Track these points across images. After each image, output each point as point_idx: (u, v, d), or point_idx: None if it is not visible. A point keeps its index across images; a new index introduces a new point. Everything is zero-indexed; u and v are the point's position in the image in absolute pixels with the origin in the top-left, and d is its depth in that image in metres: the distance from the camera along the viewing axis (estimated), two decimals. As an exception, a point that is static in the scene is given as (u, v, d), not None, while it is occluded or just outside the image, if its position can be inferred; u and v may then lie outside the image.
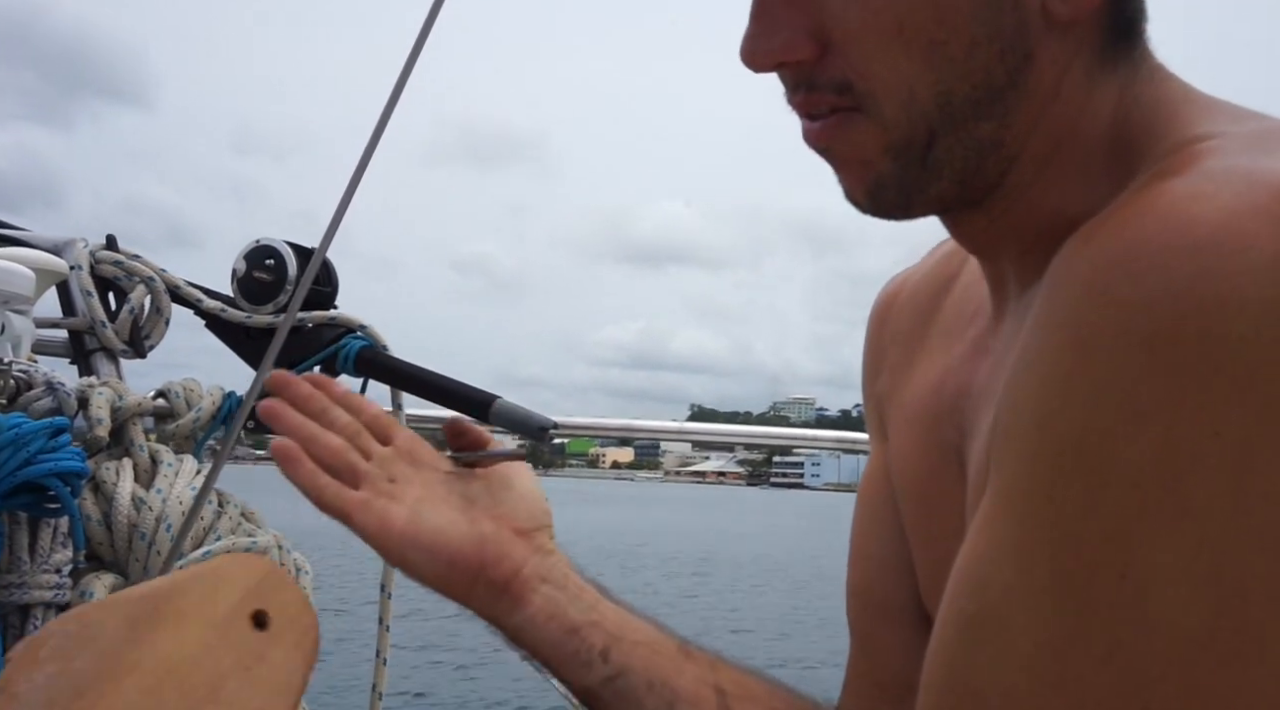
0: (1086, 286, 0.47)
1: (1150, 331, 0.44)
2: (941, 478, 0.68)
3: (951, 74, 0.56)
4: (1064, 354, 0.46)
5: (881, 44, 0.56)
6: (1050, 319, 0.48)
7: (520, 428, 1.46)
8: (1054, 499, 0.46)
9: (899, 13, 0.55)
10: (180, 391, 1.39)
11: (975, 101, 0.56)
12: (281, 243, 1.52)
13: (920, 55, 0.55)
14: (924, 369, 0.74)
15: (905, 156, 0.58)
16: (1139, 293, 0.44)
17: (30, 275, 1.26)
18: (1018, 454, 0.48)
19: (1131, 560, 0.44)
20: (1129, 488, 0.44)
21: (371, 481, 0.69)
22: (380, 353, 1.52)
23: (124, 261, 1.49)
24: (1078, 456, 0.45)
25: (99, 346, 1.46)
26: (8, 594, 1.12)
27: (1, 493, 1.10)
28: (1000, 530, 0.48)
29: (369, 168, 1.01)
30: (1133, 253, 0.46)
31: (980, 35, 0.55)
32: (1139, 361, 0.44)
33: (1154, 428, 0.43)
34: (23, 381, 1.22)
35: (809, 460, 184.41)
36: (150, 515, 1.23)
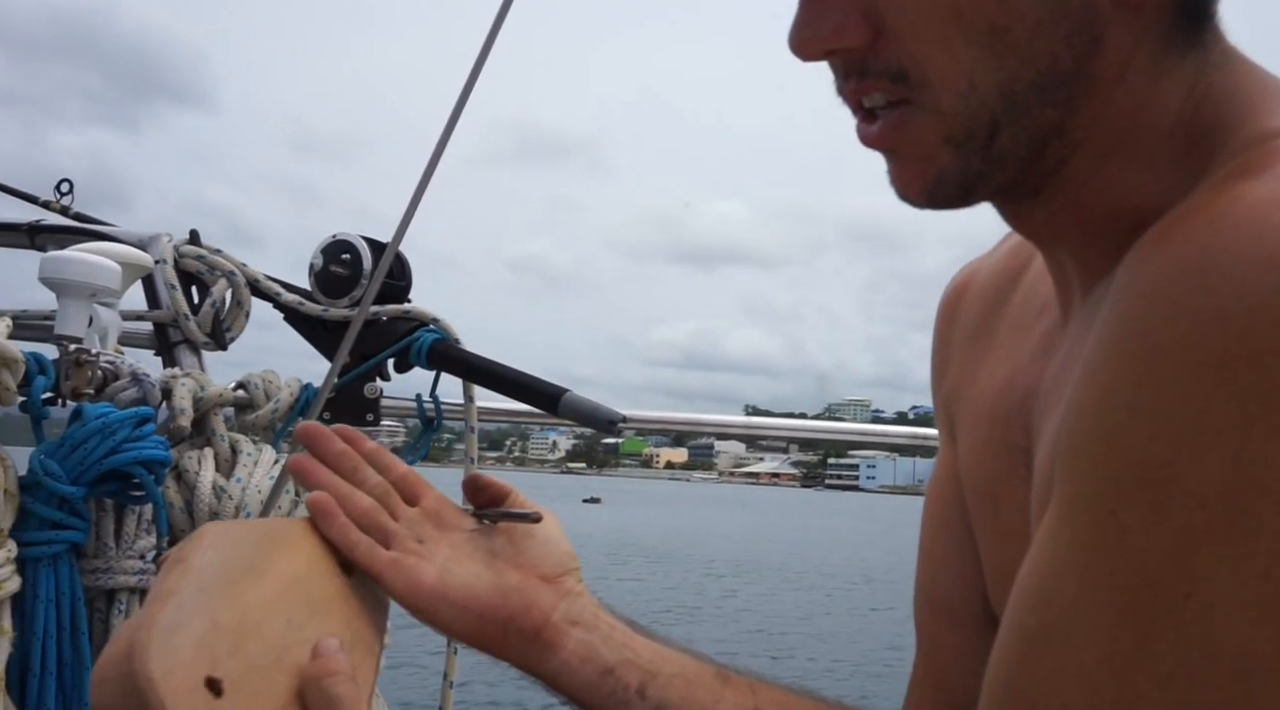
0: (1156, 295, 0.45)
1: (1222, 348, 0.42)
2: (1009, 479, 0.67)
3: (1014, 60, 0.53)
4: (1131, 365, 0.45)
5: (939, 30, 0.53)
6: (1118, 326, 0.46)
7: (589, 420, 1.46)
8: (1117, 515, 0.44)
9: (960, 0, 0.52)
10: (259, 383, 1.43)
11: (1040, 88, 0.54)
12: (357, 237, 1.55)
13: (981, 41, 0.53)
14: (992, 365, 0.72)
15: (967, 147, 0.55)
16: (1212, 305, 0.43)
17: (117, 269, 1.30)
18: (1081, 467, 0.47)
19: (1196, 581, 0.42)
20: (1195, 508, 0.42)
21: (401, 541, 0.70)
22: (452, 346, 1.53)
23: (206, 256, 1.53)
24: (1142, 473, 0.44)
25: (182, 339, 1.50)
26: (94, 578, 1.16)
27: (89, 480, 1.14)
28: (1063, 544, 0.47)
29: (430, 166, 1.02)
30: (1206, 261, 0.44)
31: (1045, 18, 0.52)
32: (1209, 379, 0.42)
33: (1223, 448, 0.42)
34: (110, 372, 1.26)
35: (864, 463, 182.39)
36: (230, 503, 1.26)
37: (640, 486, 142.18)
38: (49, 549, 1.11)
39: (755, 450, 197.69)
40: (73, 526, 1.13)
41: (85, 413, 1.16)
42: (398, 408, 1.59)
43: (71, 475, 1.13)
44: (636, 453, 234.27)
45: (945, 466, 0.80)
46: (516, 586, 0.69)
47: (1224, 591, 0.42)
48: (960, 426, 0.76)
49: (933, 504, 0.81)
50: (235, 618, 0.55)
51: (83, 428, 1.15)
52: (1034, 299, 0.70)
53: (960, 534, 0.76)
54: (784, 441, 4.13)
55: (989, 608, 0.73)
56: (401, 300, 1.57)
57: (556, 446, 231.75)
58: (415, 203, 1.24)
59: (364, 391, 1.54)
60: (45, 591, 1.10)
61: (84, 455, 1.14)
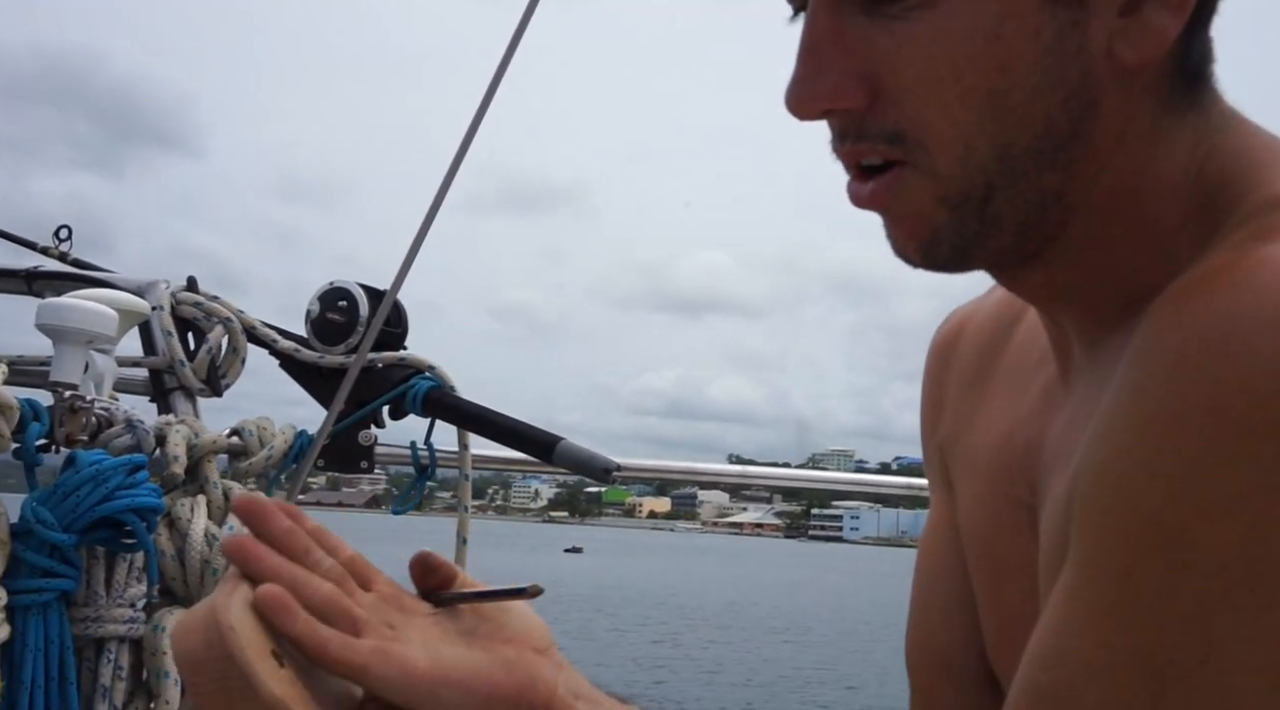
0: (1180, 360, 0.45)
1: (1245, 414, 0.42)
2: (1011, 534, 0.66)
3: (1012, 124, 0.52)
4: (1152, 428, 0.45)
5: (938, 93, 0.52)
6: (1139, 389, 0.46)
7: (584, 468, 1.46)
8: (1134, 577, 0.44)
9: (956, 60, 0.51)
10: (254, 430, 1.42)
11: (1037, 152, 0.53)
12: (354, 285, 1.55)
13: (979, 105, 0.52)
14: (990, 415, 0.72)
15: (961, 209, 0.54)
16: (1235, 372, 0.43)
17: (114, 316, 1.31)
18: (1099, 527, 0.46)
19: (1213, 646, 0.42)
20: (1213, 573, 0.42)
21: (372, 628, 0.60)
22: (448, 393, 1.53)
23: (203, 303, 1.54)
24: (1160, 536, 0.44)
25: (177, 385, 1.50)
26: (84, 627, 1.15)
27: (80, 527, 1.13)
28: (1079, 604, 0.47)
29: (430, 214, 1.03)
30: (1230, 327, 0.44)
31: (1043, 83, 0.52)
32: (1231, 444, 0.42)
33: (1244, 514, 0.42)
34: (104, 419, 1.26)
35: (848, 514, 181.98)
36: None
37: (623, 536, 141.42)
38: (39, 597, 1.10)
39: (739, 500, 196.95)
40: (63, 574, 1.12)
41: (79, 459, 1.16)
42: (392, 455, 1.59)
43: (63, 522, 1.12)
44: (620, 502, 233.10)
45: (940, 516, 0.79)
46: (516, 660, 0.63)
47: (1241, 657, 0.42)
48: (958, 476, 0.75)
49: (928, 555, 0.80)
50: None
51: (76, 475, 1.15)
52: (1031, 349, 0.70)
53: (958, 586, 0.75)
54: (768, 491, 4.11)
55: (986, 662, 0.73)
56: (398, 347, 1.58)
57: (539, 495, 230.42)
58: (414, 251, 1.25)
59: (359, 438, 1.54)
60: (34, 640, 1.09)
61: (76, 502, 1.13)
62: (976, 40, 0.51)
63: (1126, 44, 0.52)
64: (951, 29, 0.51)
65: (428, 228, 1.25)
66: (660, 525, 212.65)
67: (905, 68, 0.52)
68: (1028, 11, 0.51)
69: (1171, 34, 0.52)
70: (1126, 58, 0.52)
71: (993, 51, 0.51)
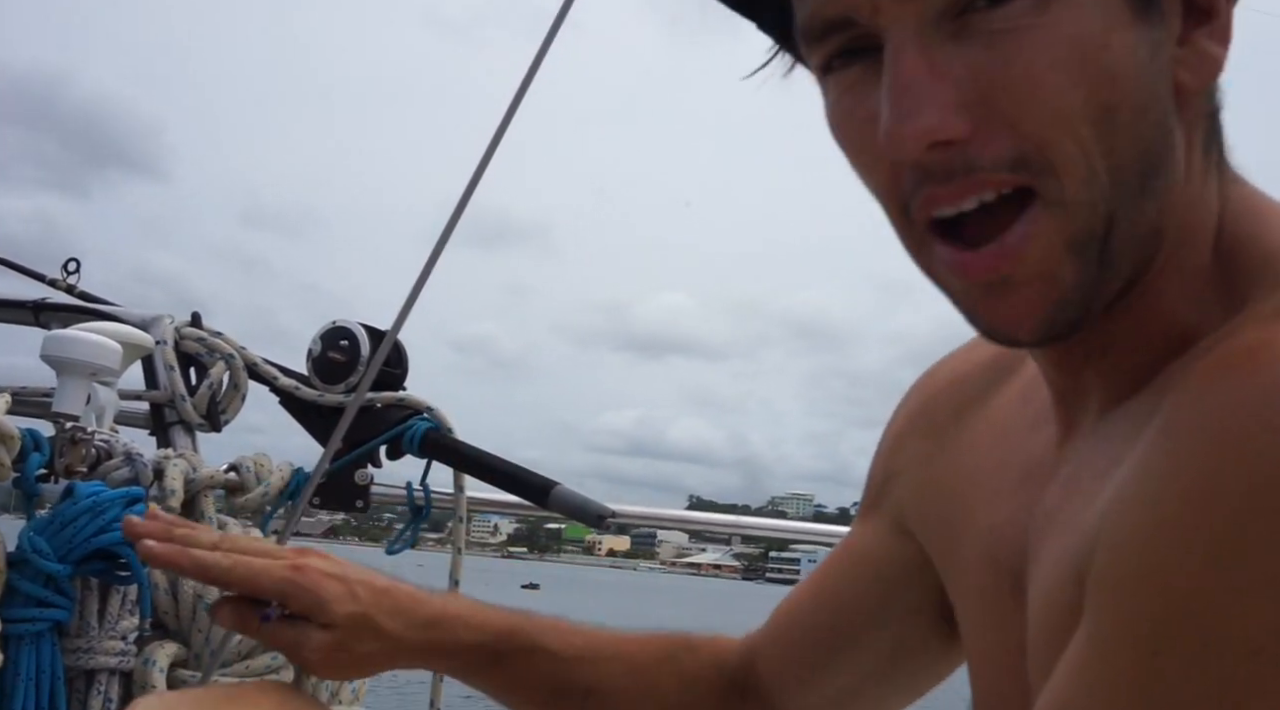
0: (1220, 435, 0.43)
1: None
2: (995, 598, 0.64)
3: (1124, 143, 0.49)
4: (1185, 502, 0.43)
5: (1060, 105, 0.48)
6: (1171, 460, 0.44)
7: (578, 514, 1.47)
8: (1158, 656, 0.42)
9: (1073, 68, 0.48)
10: (251, 466, 1.43)
11: (1143, 174, 0.50)
12: (356, 325, 1.57)
13: (1096, 119, 0.48)
14: (971, 472, 0.70)
15: (1088, 252, 0.50)
16: (1277, 448, 0.41)
17: (118, 349, 1.32)
18: (1121, 603, 0.44)
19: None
20: (1245, 657, 0.40)
21: None
22: (445, 435, 1.54)
23: (206, 339, 1.55)
24: (1190, 616, 0.42)
25: (177, 419, 1.51)
26: (75, 658, 1.16)
27: (76, 558, 1.14)
28: (1094, 679, 0.45)
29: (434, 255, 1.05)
30: (1272, 401, 0.42)
31: (1144, 100, 0.49)
32: (1271, 524, 0.40)
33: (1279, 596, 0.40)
34: (103, 451, 1.27)
35: (805, 557, 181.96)
36: (214, 587, 1.26)
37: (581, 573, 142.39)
38: (32, 627, 1.11)
39: (697, 541, 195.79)
40: (57, 605, 1.13)
41: (77, 490, 1.17)
42: (388, 495, 1.60)
43: (59, 553, 1.13)
44: (579, 539, 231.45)
45: (857, 540, 0.81)
46: None
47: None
48: (928, 530, 0.75)
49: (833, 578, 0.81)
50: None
51: (73, 505, 1.15)
52: (1026, 409, 0.67)
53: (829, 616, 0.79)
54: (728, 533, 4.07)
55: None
56: (397, 388, 1.59)
57: (499, 529, 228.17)
58: (416, 291, 1.26)
59: (355, 477, 1.54)
60: (26, 669, 1.09)
61: (73, 533, 1.14)
62: (1091, 47, 0.48)
63: (1187, 70, 0.51)
64: (1066, 35, 0.48)
65: (431, 268, 1.27)
66: (620, 563, 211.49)
67: (1022, 82, 0.48)
68: (1127, 25, 0.49)
69: (1222, 60, 0.51)
70: (1188, 83, 0.51)
71: (1105, 59, 0.48)
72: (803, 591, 0.84)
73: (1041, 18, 0.48)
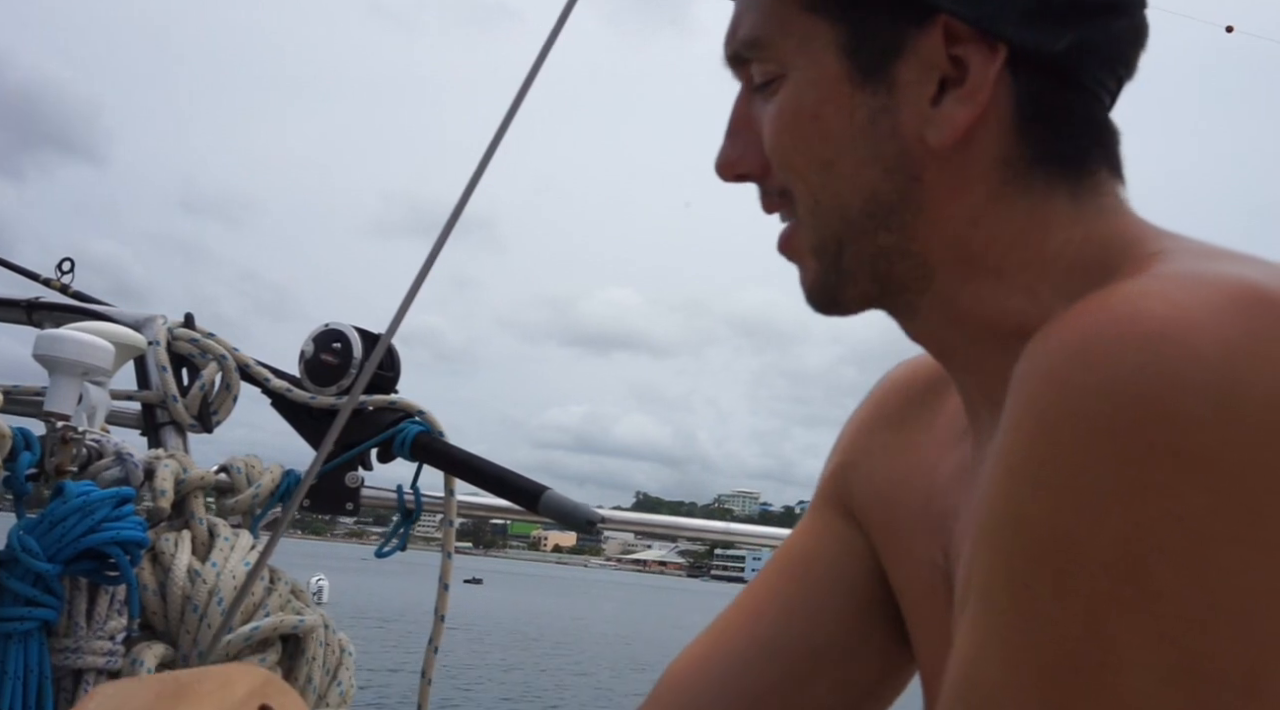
0: (1047, 377, 0.48)
1: (1109, 416, 0.45)
2: (928, 595, 0.70)
3: (845, 188, 0.63)
4: (1030, 446, 0.48)
5: (789, 158, 0.64)
6: (1015, 414, 0.49)
7: (567, 519, 1.47)
8: (1031, 588, 0.46)
9: (793, 131, 0.64)
10: (242, 467, 1.43)
11: (869, 214, 0.63)
12: (349, 327, 1.57)
13: (817, 169, 0.64)
14: (909, 472, 0.75)
15: (824, 259, 0.65)
16: (1095, 379, 0.46)
17: (110, 349, 1.32)
18: (994, 549, 0.49)
19: (1107, 648, 0.44)
20: (1099, 573, 0.44)
21: None
22: (436, 438, 1.55)
23: (199, 339, 1.56)
24: (1049, 544, 0.46)
25: (169, 420, 1.51)
26: (63, 658, 1.16)
27: (65, 558, 1.14)
28: (982, 628, 0.49)
29: (430, 258, 1.05)
30: (1088, 343, 0.48)
31: (865, 155, 0.63)
32: (1100, 447, 0.45)
33: (1119, 512, 0.44)
34: (94, 451, 1.27)
35: (750, 555, 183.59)
36: (204, 588, 1.26)
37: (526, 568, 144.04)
38: (21, 626, 1.11)
39: (644, 538, 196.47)
40: (46, 604, 1.13)
41: (67, 490, 1.17)
42: (378, 498, 1.60)
43: (49, 552, 1.13)
44: (525, 534, 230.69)
45: (806, 530, 0.82)
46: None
47: (1132, 655, 0.44)
48: (875, 528, 0.78)
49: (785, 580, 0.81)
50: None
51: (63, 505, 1.16)
52: (960, 419, 0.73)
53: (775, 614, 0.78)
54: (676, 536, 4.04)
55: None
56: (389, 390, 1.59)
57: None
58: (411, 295, 1.27)
59: (345, 480, 1.55)
60: (14, 668, 1.09)
61: (62, 533, 1.14)
62: (804, 117, 0.63)
63: (932, 129, 0.61)
64: (786, 107, 0.64)
65: (426, 271, 1.28)
66: (565, 559, 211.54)
67: (770, 139, 0.66)
68: (842, 96, 0.62)
69: (963, 121, 0.61)
70: (933, 140, 0.61)
71: (817, 127, 0.63)
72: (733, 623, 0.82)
73: (775, 96, 0.65)
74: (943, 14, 0.61)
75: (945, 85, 0.61)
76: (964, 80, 0.61)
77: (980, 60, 0.61)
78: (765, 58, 0.65)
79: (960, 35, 0.61)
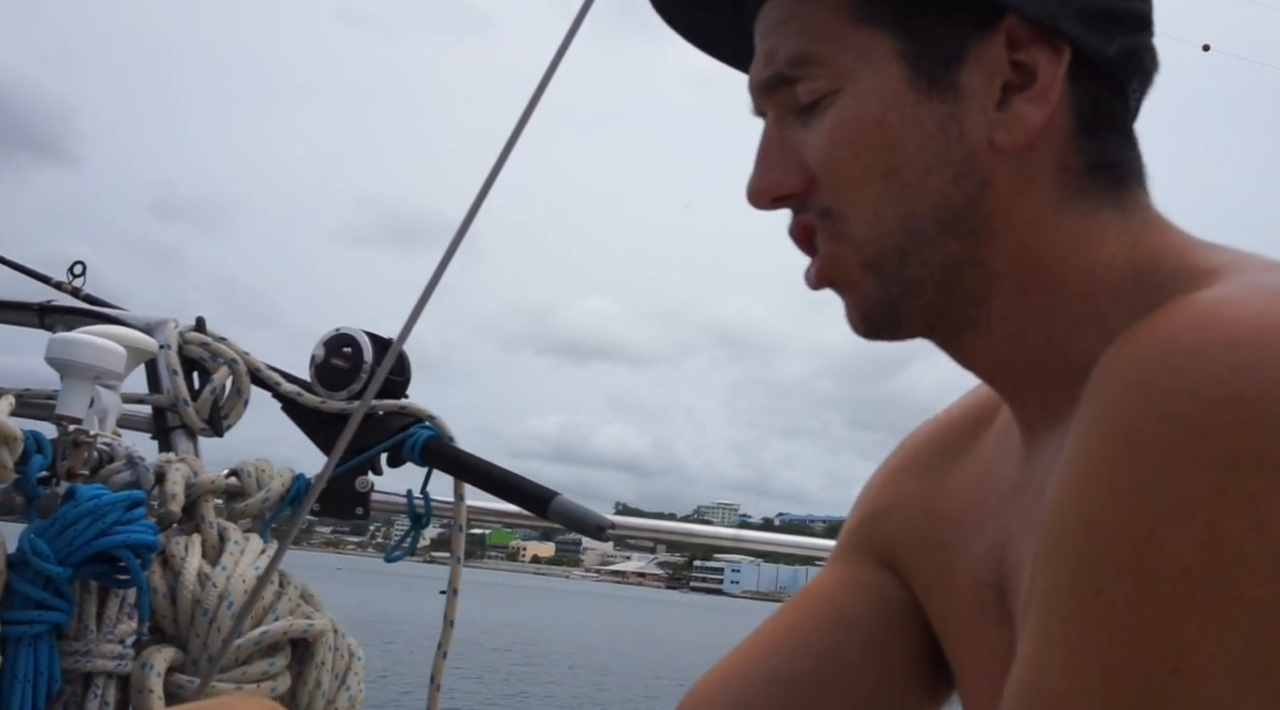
0: (1128, 382, 0.48)
1: (1195, 419, 0.45)
2: (979, 619, 0.68)
3: (910, 197, 0.62)
4: (1108, 449, 0.47)
5: (847, 171, 0.63)
6: (1093, 419, 0.49)
7: (578, 525, 1.47)
8: (1102, 594, 0.45)
9: (854, 142, 0.63)
10: (252, 471, 1.44)
11: (937, 220, 0.62)
12: (360, 332, 1.57)
13: (879, 180, 0.62)
14: (956, 505, 0.74)
15: (883, 273, 0.64)
16: (1182, 382, 0.46)
17: (122, 353, 1.33)
18: (1064, 554, 0.48)
19: (1182, 654, 0.43)
20: (1177, 579, 0.44)
21: None
22: (447, 444, 1.55)
23: (210, 343, 1.56)
24: (1124, 549, 0.45)
25: (180, 424, 1.51)
26: (73, 660, 1.15)
27: (76, 561, 1.14)
28: (1049, 633, 0.48)
29: (443, 263, 1.05)
30: (1174, 347, 0.47)
31: (932, 162, 0.62)
32: (1184, 451, 0.44)
33: (1201, 517, 0.43)
34: (105, 454, 1.27)
35: (729, 567, 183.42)
36: (214, 592, 1.26)
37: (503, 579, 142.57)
38: (31, 629, 1.11)
39: (622, 549, 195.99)
40: (56, 607, 1.13)
41: (78, 493, 1.17)
42: (387, 503, 1.60)
43: (59, 555, 1.13)
44: (504, 545, 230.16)
45: (825, 581, 0.81)
46: None
47: (1208, 663, 0.43)
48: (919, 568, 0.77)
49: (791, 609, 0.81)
50: None
51: (74, 508, 1.16)
52: (1000, 448, 0.73)
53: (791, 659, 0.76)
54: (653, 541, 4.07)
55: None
56: (399, 395, 1.59)
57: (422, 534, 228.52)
58: (424, 300, 1.27)
59: (356, 485, 1.55)
60: (24, 671, 1.09)
61: (73, 536, 1.14)
62: (867, 126, 0.63)
63: (1002, 132, 0.62)
64: (846, 118, 0.63)
65: (439, 277, 1.28)
66: (544, 570, 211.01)
67: (821, 156, 0.64)
68: (909, 103, 0.62)
69: (1035, 122, 0.61)
70: (1003, 143, 0.62)
71: (881, 135, 0.62)
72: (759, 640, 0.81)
73: (832, 108, 0.64)
74: (1005, 20, 0.61)
75: (1007, 90, 0.62)
76: (1032, 82, 0.62)
77: (1047, 61, 0.62)
78: (818, 74, 0.64)
79: (1021, 40, 0.62)
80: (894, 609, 0.77)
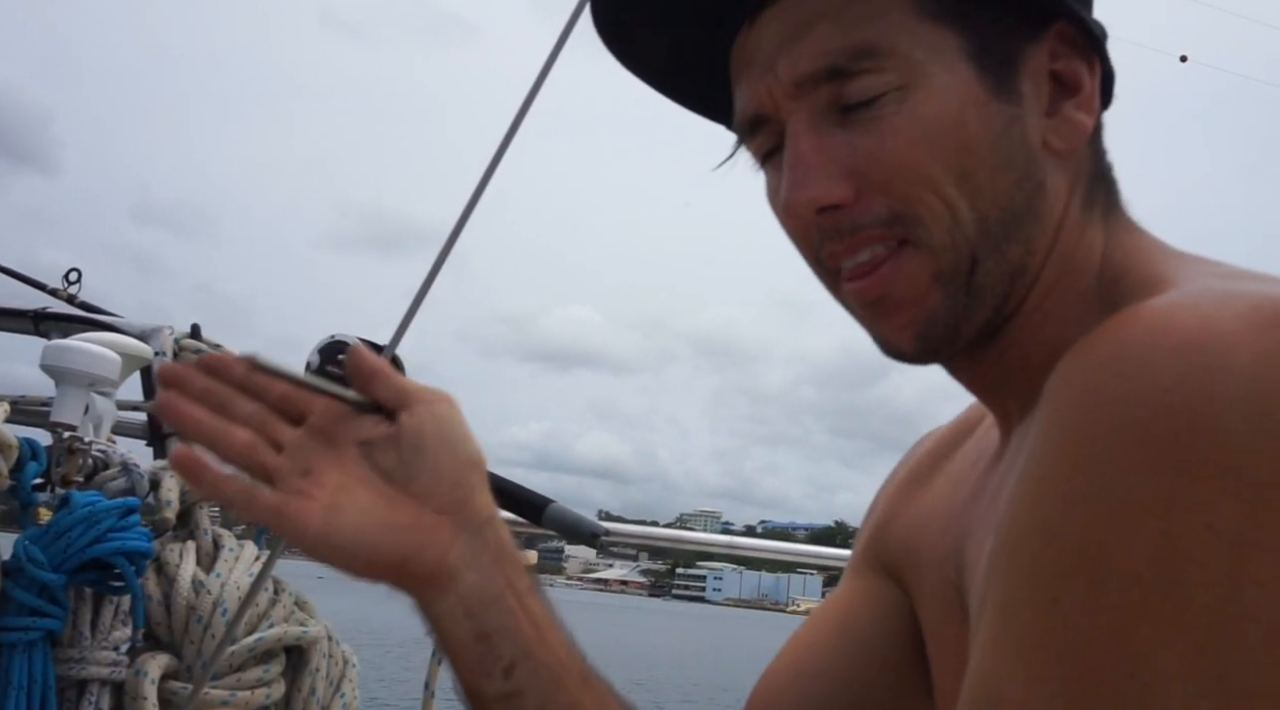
0: (1080, 390, 0.48)
1: (1143, 426, 0.45)
2: (946, 616, 0.69)
3: (983, 199, 0.60)
4: (1062, 457, 0.47)
5: (924, 172, 0.60)
6: (1047, 426, 0.49)
7: (572, 533, 1.47)
8: (1059, 602, 0.46)
9: (933, 142, 0.60)
10: (247, 478, 1.44)
11: (1005, 223, 0.61)
12: (354, 338, 1.57)
13: (956, 181, 0.60)
14: (931, 513, 0.76)
15: (953, 284, 0.61)
16: (1129, 389, 0.46)
17: (117, 360, 1.33)
18: (1019, 563, 0.48)
19: (1138, 660, 0.44)
20: (1130, 585, 0.44)
21: (284, 478, 0.62)
22: (441, 451, 1.55)
23: (205, 350, 1.56)
24: (1079, 557, 0.45)
25: (174, 431, 1.51)
26: (68, 667, 1.16)
27: (70, 568, 1.14)
28: (1006, 642, 0.48)
29: (434, 270, 1.05)
30: (1121, 355, 0.48)
31: (1000, 164, 0.61)
32: (1133, 458, 0.45)
33: (1151, 523, 0.44)
34: (100, 461, 1.27)
35: (711, 575, 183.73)
36: (208, 599, 1.26)
37: None
38: (25, 636, 1.11)
39: (605, 556, 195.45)
40: (51, 614, 1.13)
41: (73, 500, 1.17)
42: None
43: (54, 562, 1.13)
44: None
45: (842, 593, 0.83)
46: (408, 526, 0.62)
47: (1165, 667, 0.43)
48: (904, 571, 0.78)
49: (813, 624, 0.82)
50: None
51: (69, 515, 1.16)
52: (976, 454, 0.74)
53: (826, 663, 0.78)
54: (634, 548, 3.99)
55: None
56: (394, 403, 1.59)
57: None
58: (415, 305, 1.27)
59: (350, 492, 1.55)
60: (18, 678, 1.09)
61: (68, 543, 1.14)
62: (946, 124, 0.60)
63: (1056, 136, 0.62)
64: (925, 117, 0.60)
65: (430, 282, 1.28)
66: None
67: (890, 156, 0.60)
68: (981, 103, 0.60)
69: (1088, 127, 0.63)
70: (1057, 146, 0.62)
71: (959, 134, 0.60)
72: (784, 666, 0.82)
73: (904, 105, 0.60)
74: (1053, 28, 0.62)
75: (1052, 97, 0.63)
76: (1077, 89, 0.63)
77: (1086, 71, 0.63)
78: (886, 67, 0.60)
79: (1059, 51, 0.63)
80: (903, 619, 0.78)
